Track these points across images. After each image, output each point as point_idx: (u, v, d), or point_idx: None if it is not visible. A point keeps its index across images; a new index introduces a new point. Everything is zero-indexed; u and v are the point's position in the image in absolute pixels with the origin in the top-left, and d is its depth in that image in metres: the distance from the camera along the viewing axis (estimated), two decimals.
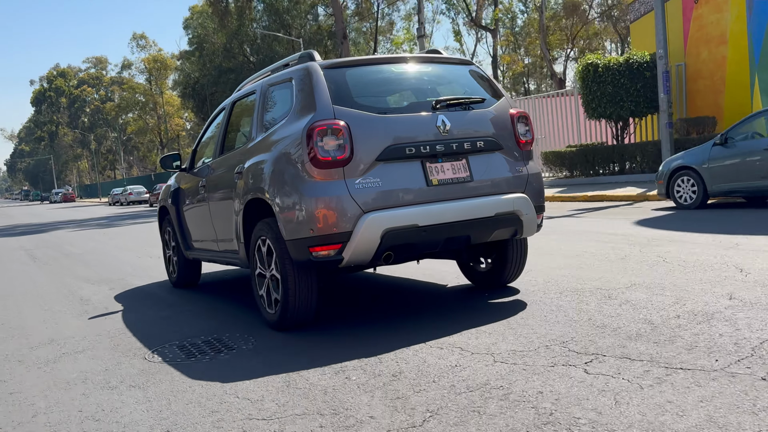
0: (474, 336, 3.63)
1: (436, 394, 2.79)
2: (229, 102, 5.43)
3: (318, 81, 4.00)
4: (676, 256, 5.56)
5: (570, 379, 2.81)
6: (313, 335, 4.02)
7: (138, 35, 69.80)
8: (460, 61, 4.67)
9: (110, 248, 11.55)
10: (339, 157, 3.77)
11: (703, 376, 2.69)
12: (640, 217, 8.95)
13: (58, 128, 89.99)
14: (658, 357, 2.98)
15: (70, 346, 4.30)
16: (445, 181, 4.00)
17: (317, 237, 3.76)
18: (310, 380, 3.14)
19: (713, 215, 8.46)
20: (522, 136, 4.38)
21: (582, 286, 4.69)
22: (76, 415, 2.96)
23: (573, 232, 7.97)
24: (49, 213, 37.66)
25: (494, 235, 4.17)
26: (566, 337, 3.45)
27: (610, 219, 9.28)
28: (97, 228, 19.00)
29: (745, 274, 4.60)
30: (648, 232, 7.38)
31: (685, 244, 6.17)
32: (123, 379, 3.47)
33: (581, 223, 9.13)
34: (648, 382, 2.68)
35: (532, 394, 2.67)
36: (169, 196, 6.31)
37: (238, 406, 2.88)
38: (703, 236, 6.61)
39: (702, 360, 2.89)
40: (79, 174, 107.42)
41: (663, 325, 3.49)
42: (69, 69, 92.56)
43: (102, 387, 3.34)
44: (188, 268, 6.31)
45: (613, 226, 8.24)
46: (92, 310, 5.57)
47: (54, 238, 16.07)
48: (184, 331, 4.52)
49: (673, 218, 8.54)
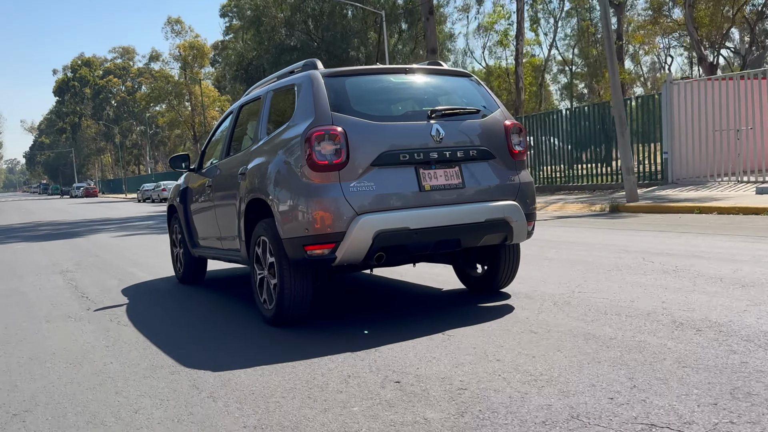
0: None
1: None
2: (237, 106, 5.66)
3: (318, 88, 4.19)
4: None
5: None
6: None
7: (173, 19, 64.20)
8: (459, 72, 4.84)
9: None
10: (335, 161, 3.95)
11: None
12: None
13: (81, 120, 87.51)
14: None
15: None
16: (438, 186, 4.17)
17: (312, 236, 3.94)
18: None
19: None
20: (515, 146, 4.54)
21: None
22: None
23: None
24: (73, 209, 34.20)
25: (484, 240, 4.33)
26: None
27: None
28: (151, 232, 14.19)
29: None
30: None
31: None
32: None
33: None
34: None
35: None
36: (178, 195, 6.54)
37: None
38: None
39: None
40: (101, 168, 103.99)
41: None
42: (94, 58, 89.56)
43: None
44: (194, 265, 6.52)
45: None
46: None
47: (97, 247, 11.32)
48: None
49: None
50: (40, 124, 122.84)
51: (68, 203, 46.97)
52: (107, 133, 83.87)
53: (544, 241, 8.03)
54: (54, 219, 23.88)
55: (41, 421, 2.91)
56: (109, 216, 23.87)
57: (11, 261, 9.93)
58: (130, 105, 79.78)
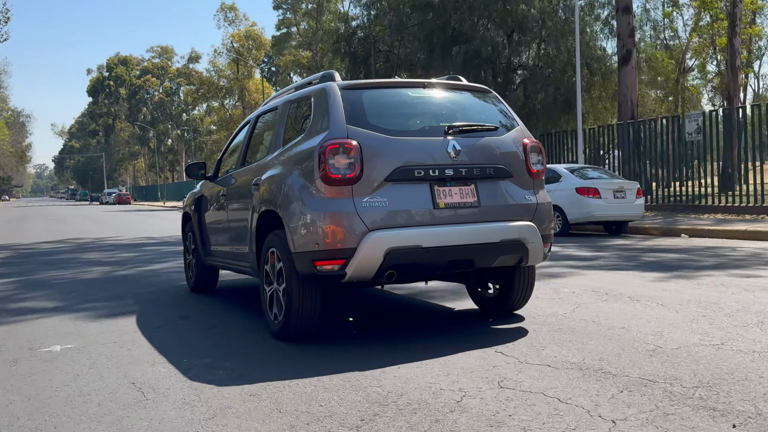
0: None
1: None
2: (254, 116, 5.64)
3: (334, 101, 4.14)
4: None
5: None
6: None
7: (227, 6, 56.70)
8: (478, 88, 4.76)
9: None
10: (349, 176, 3.88)
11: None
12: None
13: (115, 122, 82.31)
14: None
15: None
16: (453, 204, 4.08)
17: (322, 251, 3.87)
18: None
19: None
20: (533, 165, 4.43)
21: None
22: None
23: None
24: (110, 218, 28.02)
25: (498, 261, 4.22)
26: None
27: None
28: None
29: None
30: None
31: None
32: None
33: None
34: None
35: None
36: (193, 203, 6.52)
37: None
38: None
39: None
40: (134, 174, 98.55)
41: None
42: (131, 57, 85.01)
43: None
44: (206, 274, 6.48)
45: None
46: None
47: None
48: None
49: None
50: (71, 128, 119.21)
51: (101, 210, 40.87)
52: (142, 136, 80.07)
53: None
54: (97, 232, 17.53)
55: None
56: (163, 232, 16.69)
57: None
58: (168, 107, 76.58)
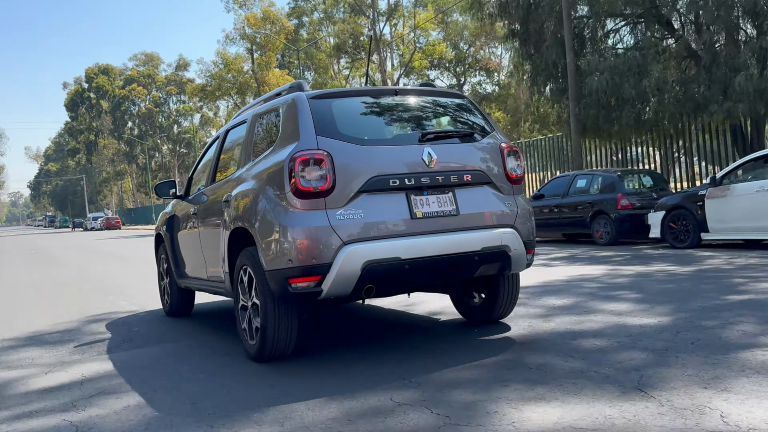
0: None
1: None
2: (223, 131, 5.47)
3: (303, 111, 3.98)
4: None
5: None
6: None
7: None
8: (452, 93, 4.64)
9: None
10: (321, 188, 3.72)
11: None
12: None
13: (98, 138, 72.47)
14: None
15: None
16: (430, 213, 3.93)
17: (296, 268, 3.70)
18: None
19: None
20: (512, 170, 4.30)
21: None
22: None
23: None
24: (111, 247, 22.02)
25: (480, 270, 4.07)
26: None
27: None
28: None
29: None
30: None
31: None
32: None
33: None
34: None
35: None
36: (164, 224, 6.31)
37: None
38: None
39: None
40: (120, 196, 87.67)
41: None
42: (112, 67, 76.79)
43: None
44: (182, 297, 6.25)
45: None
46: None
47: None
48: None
49: None
50: (47, 150, 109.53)
51: (93, 237, 34.09)
52: (129, 152, 72.72)
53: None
54: (118, 279, 10.38)
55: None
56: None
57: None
58: (156, 118, 69.53)
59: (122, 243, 25.12)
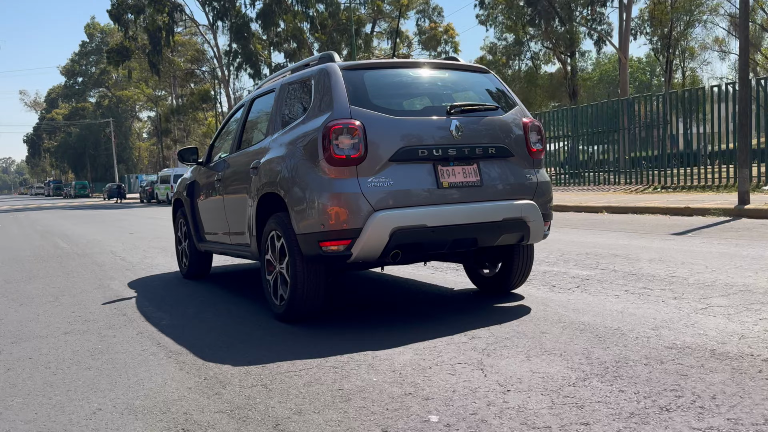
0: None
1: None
2: (249, 99, 5.58)
3: (336, 81, 4.12)
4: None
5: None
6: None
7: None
8: (477, 68, 4.78)
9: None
10: (353, 156, 3.88)
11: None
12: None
13: (131, 55, 45.95)
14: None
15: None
16: (456, 184, 4.10)
17: (328, 232, 3.87)
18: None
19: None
20: (533, 144, 4.47)
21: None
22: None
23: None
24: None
25: (501, 239, 4.26)
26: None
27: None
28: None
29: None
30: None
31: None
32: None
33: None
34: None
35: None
36: (185, 189, 6.46)
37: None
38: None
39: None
40: (160, 153, 59.36)
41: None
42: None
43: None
44: (200, 260, 6.43)
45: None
46: None
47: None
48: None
49: None
50: (50, 93, 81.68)
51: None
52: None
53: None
54: None
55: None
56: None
57: None
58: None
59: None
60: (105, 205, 37.91)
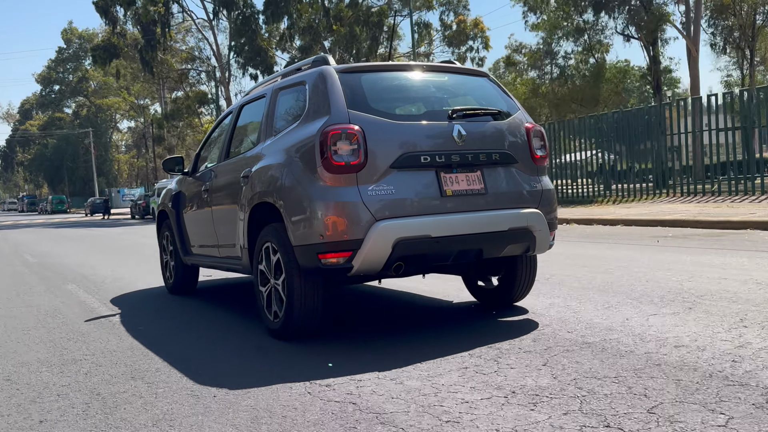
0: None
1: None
2: (237, 106, 5.36)
3: (333, 84, 3.92)
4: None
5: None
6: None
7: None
8: (477, 72, 4.64)
9: None
10: (353, 163, 3.68)
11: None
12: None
13: (121, 52, 39.64)
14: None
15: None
16: (460, 192, 3.92)
17: (327, 243, 3.66)
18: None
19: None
20: (537, 150, 4.31)
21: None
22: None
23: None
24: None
25: (507, 250, 4.08)
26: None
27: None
28: None
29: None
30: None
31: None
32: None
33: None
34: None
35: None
36: (170, 200, 6.19)
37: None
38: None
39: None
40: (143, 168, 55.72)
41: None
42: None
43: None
44: (186, 274, 6.16)
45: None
46: None
47: None
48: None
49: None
50: (23, 104, 75.08)
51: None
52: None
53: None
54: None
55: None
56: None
57: None
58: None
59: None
60: (92, 222, 33.84)
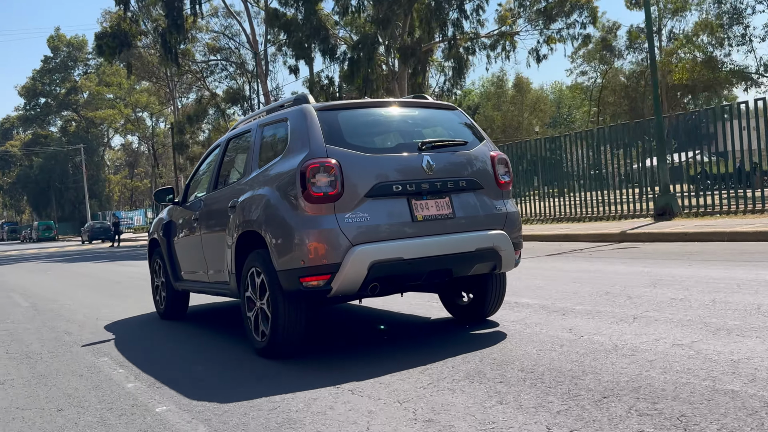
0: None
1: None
2: (224, 140, 5.71)
3: (312, 122, 4.29)
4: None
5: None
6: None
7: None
8: (445, 106, 5.02)
9: None
10: (330, 193, 4.03)
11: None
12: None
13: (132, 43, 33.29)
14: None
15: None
16: (429, 217, 4.27)
17: (308, 268, 3.99)
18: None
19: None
20: (501, 176, 4.68)
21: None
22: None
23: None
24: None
25: (474, 269, 4.43)
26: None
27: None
28: None
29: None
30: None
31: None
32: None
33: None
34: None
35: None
36: (161, 229, 6.50)
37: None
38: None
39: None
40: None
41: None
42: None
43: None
44: (176, 299, 6.45)
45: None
46: None
47: None
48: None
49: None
50: (3, 123, 68.02)
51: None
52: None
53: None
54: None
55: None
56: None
57: None
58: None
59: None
60: (99, 251, 27.42)
